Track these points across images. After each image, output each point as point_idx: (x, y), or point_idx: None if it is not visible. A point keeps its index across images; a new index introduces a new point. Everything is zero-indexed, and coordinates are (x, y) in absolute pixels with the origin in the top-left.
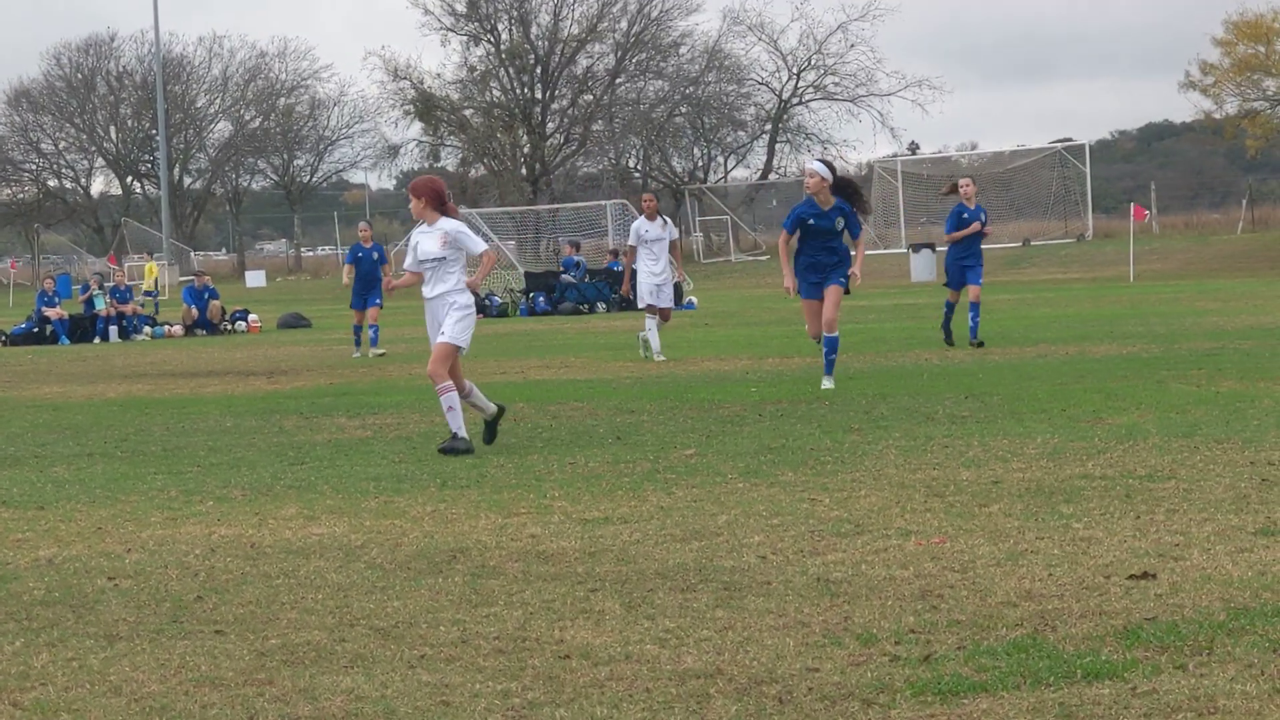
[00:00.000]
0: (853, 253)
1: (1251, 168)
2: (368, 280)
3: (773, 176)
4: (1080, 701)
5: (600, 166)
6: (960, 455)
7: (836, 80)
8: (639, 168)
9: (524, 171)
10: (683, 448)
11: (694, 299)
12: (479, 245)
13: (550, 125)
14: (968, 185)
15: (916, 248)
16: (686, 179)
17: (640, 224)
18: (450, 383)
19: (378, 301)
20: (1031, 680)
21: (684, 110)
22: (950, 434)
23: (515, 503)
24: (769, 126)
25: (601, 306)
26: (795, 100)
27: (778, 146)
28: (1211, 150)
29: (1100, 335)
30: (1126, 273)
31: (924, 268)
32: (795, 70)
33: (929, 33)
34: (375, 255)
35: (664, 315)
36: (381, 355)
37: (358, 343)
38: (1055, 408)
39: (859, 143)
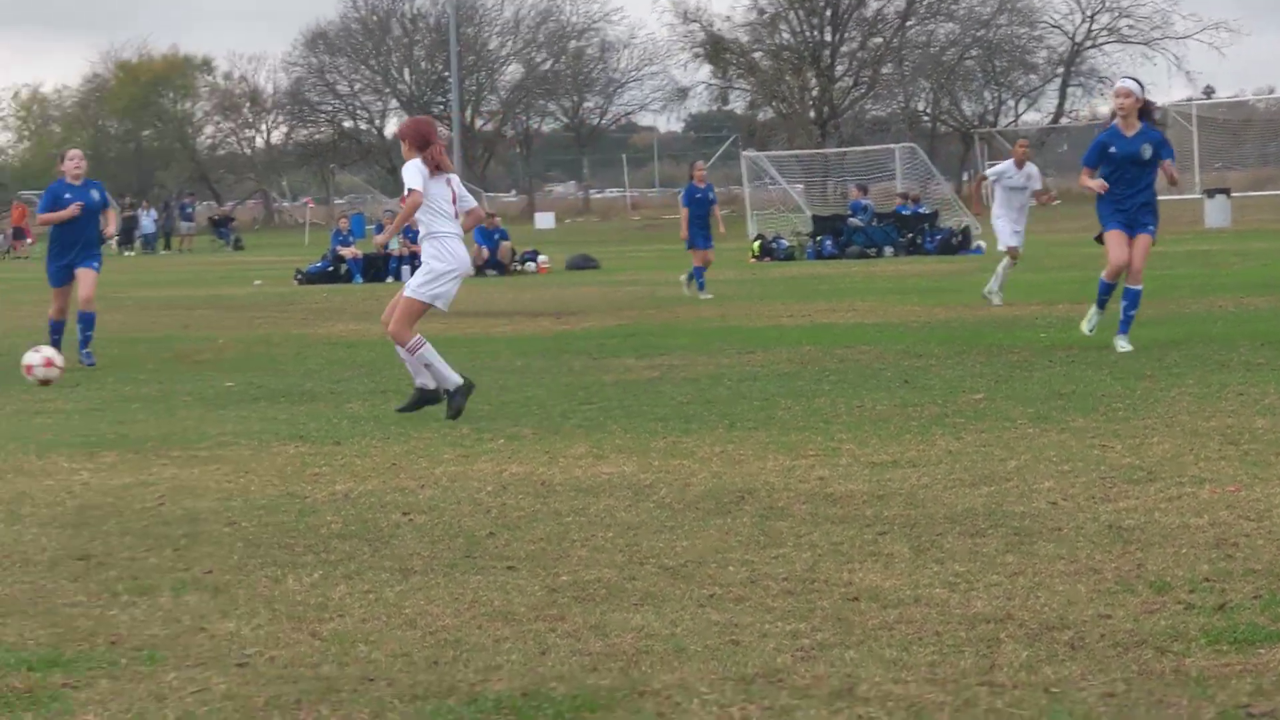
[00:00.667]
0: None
1: None
2: (702, 221)
3: (1064, 120)
4: None
5: (889, 110)
6: (1256, 403)
7: (1131, 23)
8: (928, 111)
9: (812, 114)
10: (971, 392)
11: (982, 244)
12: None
13: (839, 68)
14: None
15: (1211, 193)
16: (976, 123)
17: (1008, 168)
18: (418, 338)
19: (710, 243)
20: None
21: (974, 53)
22: (1245, 381)
23: (803, 445)
24: (1060, 70)
25: (889, 250)
26: (1088, 43)
27: (1069, 90)
28: None
29: None
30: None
31: (1218, 214)
32: (1089, 13)
33: None
34: (711, 195)
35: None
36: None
37: (700, 285)
38: None
39: (1153, 86)
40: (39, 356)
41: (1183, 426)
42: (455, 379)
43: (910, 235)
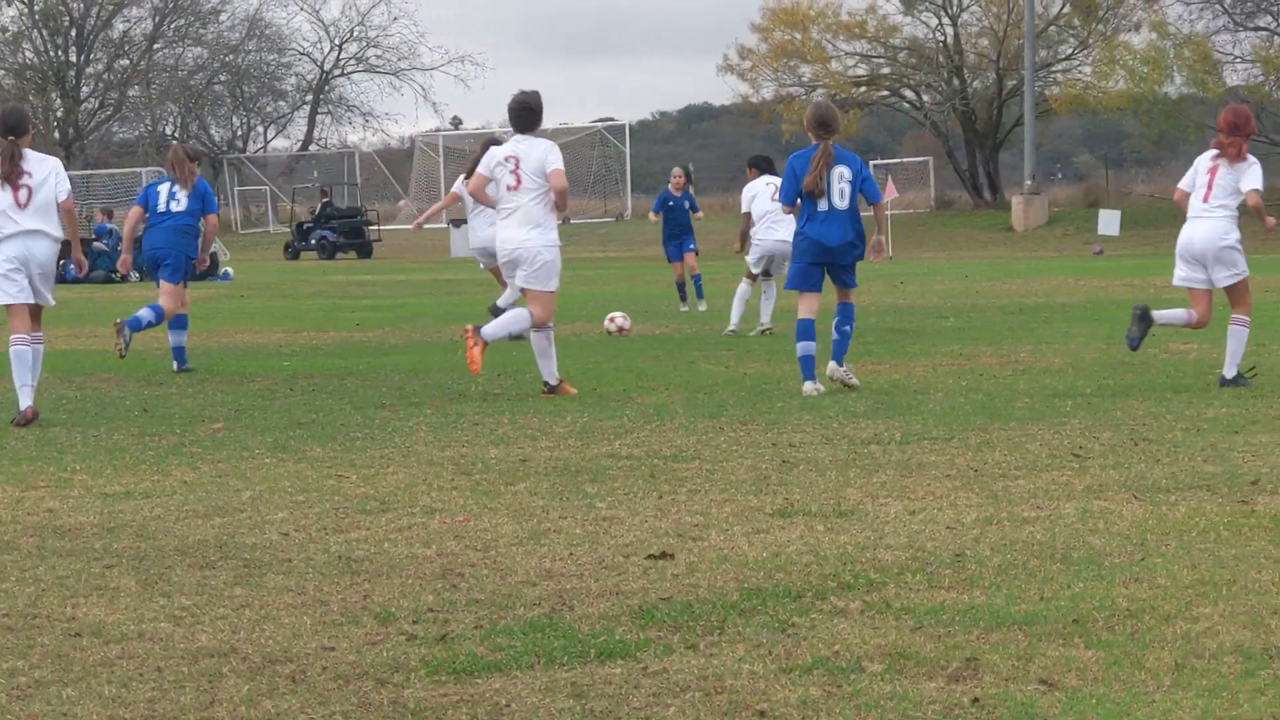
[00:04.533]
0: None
1: (787, 151)
2: (678, 229)
3: (313, 148)
4: (592, 681)
5: (136, 133)
6: (490, 433)
7: (379, 53)
8: (176, 135)
9: (56, 136)
10: (211, 421)
11: (230, 270)
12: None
13: (85, 89)
14: None
15: (457, 223)
16: (225, 148)
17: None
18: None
19: (692, 247)
20: (546, 659)
21: (223, 78)
22: (481, 411)
23: (34, 475)
24: (310, 97)
25: (135, 275)
26: (337, 72)
27: (319, 118)
28: (750, 133)
29: (636, 315)
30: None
31: (464, 243)
32: (337, 41)
33: (477, 7)
34: (686, 204)
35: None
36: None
37: (682, 297)
38: (586, 387)
39: (401, 116)
40: None
41: (418, 456)
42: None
43: None
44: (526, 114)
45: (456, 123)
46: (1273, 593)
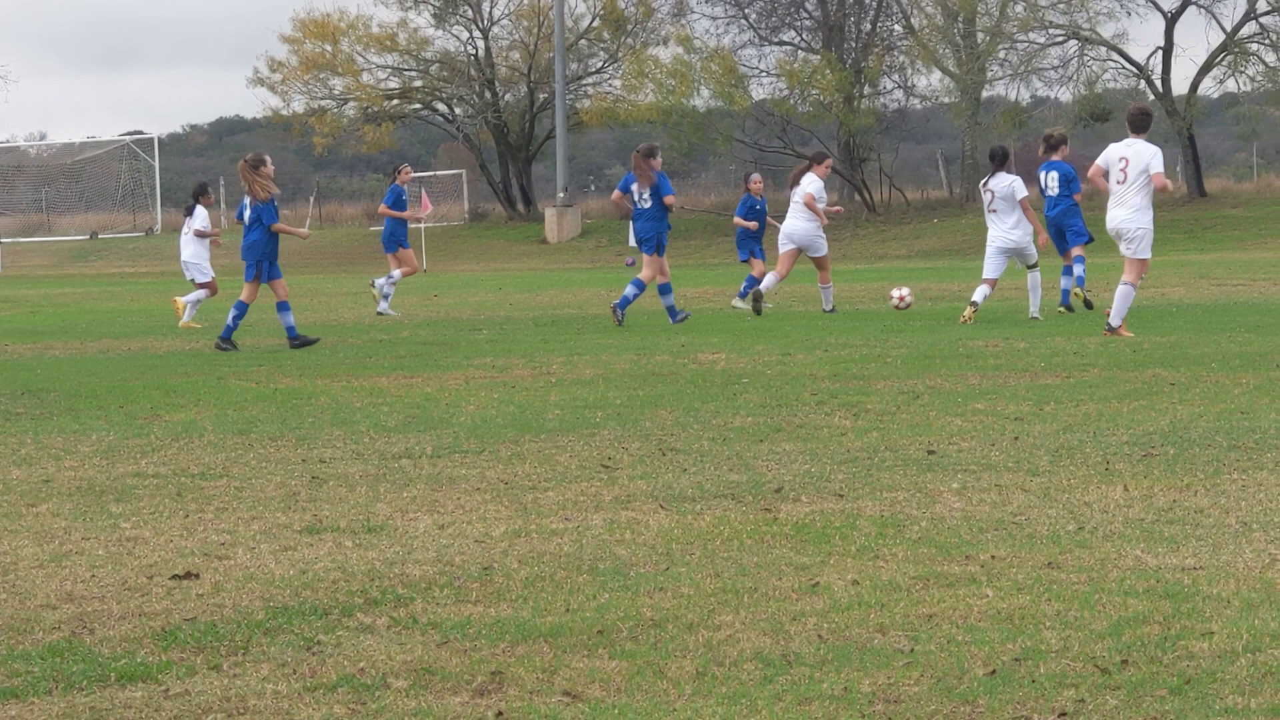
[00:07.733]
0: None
1: (320, 165)
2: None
3: None
4: (112, 705)
5: None
6: (13, 453)
7: None
8: None
9: None
10: None
11: None
12: None
13: None
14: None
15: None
16: None
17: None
18: None
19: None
20: (65, 684)
21: None
22: (3, 431)
23: None
24: None
25: None
26: None
27: None
28: (283, 147)
29: (164, 330)
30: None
31: None
32: None
33: (3, 17)
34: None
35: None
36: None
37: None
38: (114, 404)
39: None
40: None
41: None
42: None
43: None
44: (1142, 118)
45: None
46: (792, 599)
